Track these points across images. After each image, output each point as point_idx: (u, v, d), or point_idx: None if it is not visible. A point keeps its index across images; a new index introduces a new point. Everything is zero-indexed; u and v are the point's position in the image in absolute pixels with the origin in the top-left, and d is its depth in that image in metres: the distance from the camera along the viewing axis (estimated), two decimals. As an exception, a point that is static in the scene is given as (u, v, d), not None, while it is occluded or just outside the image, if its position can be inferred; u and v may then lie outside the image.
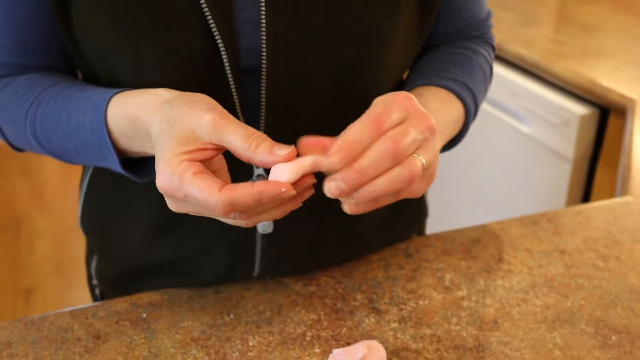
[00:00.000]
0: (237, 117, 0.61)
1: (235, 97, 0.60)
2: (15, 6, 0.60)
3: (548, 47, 1.64)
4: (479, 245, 0.79)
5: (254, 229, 0.67)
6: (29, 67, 0.64)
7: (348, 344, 0.63)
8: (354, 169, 0.48)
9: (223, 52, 0.58)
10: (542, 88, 1.52)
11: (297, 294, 0.70)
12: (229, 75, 0.59)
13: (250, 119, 0.62)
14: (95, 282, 0.79)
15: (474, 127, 0.73)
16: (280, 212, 0.51)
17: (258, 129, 0.62)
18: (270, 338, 0.64)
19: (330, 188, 0.49)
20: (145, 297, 0.69)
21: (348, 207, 0.51)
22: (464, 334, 0.65)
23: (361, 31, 0.61)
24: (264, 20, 0.58)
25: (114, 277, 0.75)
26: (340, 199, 0.50)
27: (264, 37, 0.58)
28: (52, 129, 0.59)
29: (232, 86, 0.59)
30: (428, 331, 0.65)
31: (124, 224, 0.71)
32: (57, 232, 2.43)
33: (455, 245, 0.78)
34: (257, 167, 0.64)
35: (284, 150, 0.48)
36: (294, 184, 0.49)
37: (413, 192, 0.53)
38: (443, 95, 0.65)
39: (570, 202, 1.48)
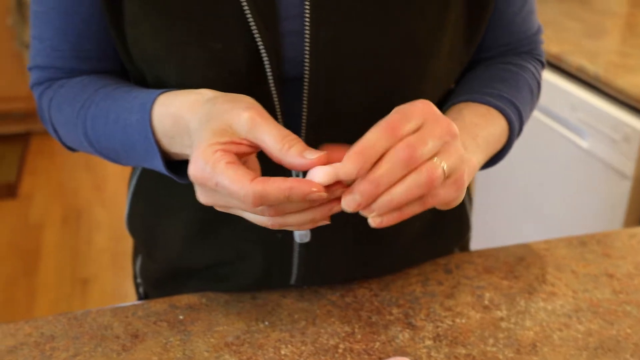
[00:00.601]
0: (277, 121, 0.61)
1: (277, 106, 0.61)
2: (72, 14, 0.63)
3: (612, 59, 1.58)
4: (522, 265, 0.77)
5: (292, 237, 0.67)
6: (85, 71, 0.66)
7: (380, 359, 0.63)
8: (367, 180, 0.47)
9: (266, 62, 0.58)
10: (603, 102, 1.47)
11: (333, 304, 0.70)
12: (272, 85, 0.59)
13: (292, 129, 0.62)
14: (139, 280, 0.81)
15: (529, 140, 0.72)
16: (307, 220, 0.51)
17: (299, 135, 0.63)
18: (303, 348, 0.64)
19: (347, 201, 0.48)
20: (184, 299, 0.70)
21: (372, 221, 0.50)
22: (500, 357, 0.63)
23: (406, 45, 0.60)
24: (307, 31, 0.58)
25: (157, 277, 0.77)
26: (363, 214, 0.50)
27: (307, 48, 0.58)
28: (101, 129, 0.61)
29: (274, 95, 0.60)
30: (463, 351, 0.64)
31: (167, 225, 0.72)
32: (115, 225, 2.51)
33: (498, 264, 0.77)
34: (297, 176, 0.65)
35: (314, 154, 0.49)
36: (326, 189, 0.48)
37: (441, 199, 0.52)
38: (484, 110, 0.64)
39: (629, 222, 1.42)
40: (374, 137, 0.48)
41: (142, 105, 0.58)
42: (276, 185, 0.47)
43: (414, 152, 0.48)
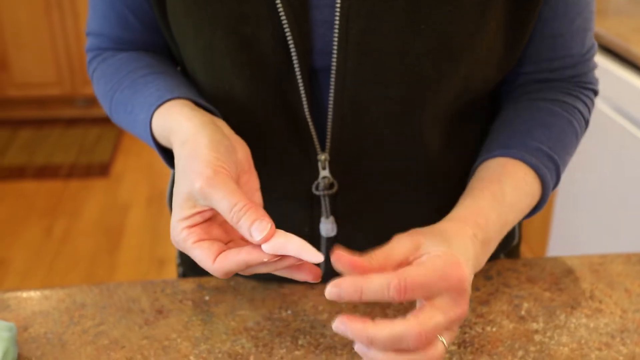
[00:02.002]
0: (304, 116, 0.61)
1: (303, 96, 0.60)
2: None
3: None
4: (570, 277, 0.72)
5: (318, 230, 0.66)
6: (130, 41, 0.68)
7: None
8: (365, 332, 0.46)
9: (293, 51, 0.57)
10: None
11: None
12: (298, 75, 0.58)
13: (318, 120, 0.62)
14: (179, 261, 0.83)
15: (608, 148, 0.67)
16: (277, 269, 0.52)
17: (325, 130, 0.62)
18: (321, 340, 0.63)
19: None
20: (212, 281, 0.70)
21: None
22: (527, 371, 0.59)
23: (440, 46, 0.58)
24: (337, 22, 0.57)
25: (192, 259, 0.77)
26: None
27: (336, 39, 0.57)
28: (120, 115, 0.65)
29: (301, 86, 0.59)
30: (487, 360, 0.60)
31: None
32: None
33: (544, 274, 0.72)
34: (323, 169, 0.64)
35: (259, 233, 0.48)
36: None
37: None
38: (520, 178, 0.60)
39: None
40: (382, 284, 0.46)
41: (149, 107, 0.60)
42: (234, 261, 0.49)
43: (425, 340, 0.46)
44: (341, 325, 0.47)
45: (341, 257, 0.48)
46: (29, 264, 2.27)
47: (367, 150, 0.63)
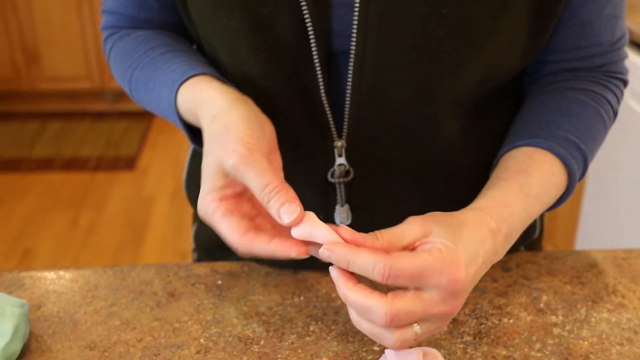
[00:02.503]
0: (321, 101, 0.60)
1: (320, 80, 0.59)
2: None
3: None
4: (592, 272, 0.70)
5: (333, 218, 0.66)
6: (146, 20, 0.68)
7: (411, 347, 0.59)
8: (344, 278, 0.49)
9: (311, 33, 0.56)
10: None
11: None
12: (316, 58, 0.57)
13: (336, 106, 0.61)
14: (194, 246, 0.82)
15: (638, 141, 0.65)
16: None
17: (342, 116, 0.61)
18: (333, 327, 0.62)
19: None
20: (226, 266, 0.70)
21: None
22: (544, 363, 0.58)
23: (460, 31, 0.56)
24: (357, 4, 0.55)
25: (207, 243, 0.77)
26: None
27: (356, 21, 0.56)
28: (141, 93, 0.64)
29: (318, 69, 0.58)
30: (503, 352, 0.59)
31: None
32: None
33: (565, 268, 0.70)
34: (339, 156, 0.63)
35: (288, 216, 0.49)
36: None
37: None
38: (547, 169, 0.59)
39: None
40: (369, 262, 0.48)
41: (173, 83, 0.60)
42: (260, 246, 0.49)
43: (392, 323, 0.48)
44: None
45: (345, 231, 0.50)
46: (55, 254, 2.29)
47: (385, 138, 0.62)
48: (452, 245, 0.49)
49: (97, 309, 0.63)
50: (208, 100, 0.56)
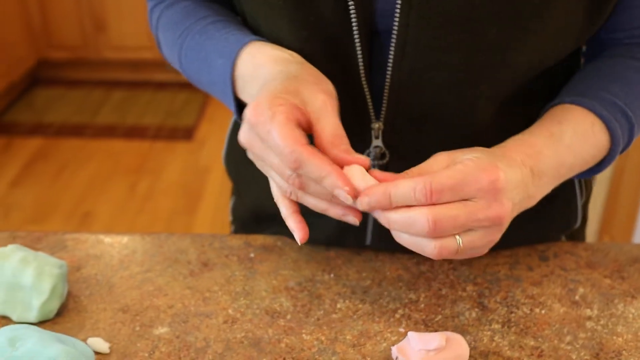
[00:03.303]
0: (360, 82, 0.59)
1: (360, 60, 0.58)
2: None
3: None
4: (635, 266, 0.67)
5: None
6: None
7: (436, 331, 0.59)
8: (384, 215, 0.49)
9: (352, 11, 0.56)
10: None
11: (405, 269, 0.66)
12: (356, 36, 0.57)
13: (375, 88, 0.60)
14: (231, 218, 0.83)
15: None
16: (321, 208, 0.52)
17: (381, 98, 0.60)
18: (360, 306, 0.62)
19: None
20: (259, 239, 0.71)
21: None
22: (574, 357, 0.56)
23: (508, 12, 0.54)
24: None
25: (244, 217, 0.78)
26: None
27: (399, 2, 0.55)
28: (192, 61, 0.64)
29: (359, 48, 0.57)
30: (531, 342, 0.58)
31: (256, 167, 0.73)
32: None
33: (606, 261, 0.68)
34: (376, 138, 0.62)
35: (358, 156, 0.50)
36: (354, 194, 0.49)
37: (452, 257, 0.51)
38: (586, 126, 0.57)
39: None
40: (401, 195, 0.48)
41: (230, 51, 0.59)
42: (318, 162, 0.48)
43: (435, 229, 0.47)
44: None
45: (377, 173, 0.51)
46: (113, 218, 2.37)
47: (422, 120, 0.61)
48: (482, 155, 0.50)
49: (133, 274, 0.65)
50: (286, 55, 0.56)
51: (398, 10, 0.55)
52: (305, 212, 0.68)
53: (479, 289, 0.64)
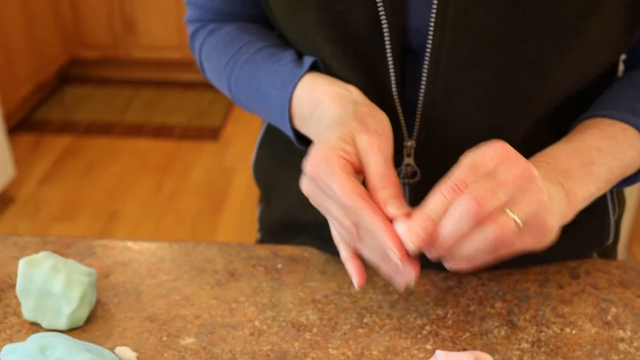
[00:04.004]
0: (392, 98, 0.59)
1: (392, 77, 0.57)
2: None
3: None
4: (670, 286, 0.66)
5: None
6: (230, 13, 0.69)
7: (465, 350, 0.58)
8: (436, 241, 0.48)
9: (385, 29, 0.55)
10: None
11: (433, 284, 0.66)
12: (389, 54, 0.56)
13: (408, 103, 0.59)
14: (258, 227, 0.84)
15: None
16: (374, 262, 0.53)
17: (414, 114, 0.59)
18: (387, 321, 0.61)
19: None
20: (287, 250, 0.71)
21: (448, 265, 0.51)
22: (605, 380, 0.55)
23: (546, 30, 0.53)
24: (435, 2, 0.54)
25: (272, 226, 0.78)
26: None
27: (433, 18, 0.54)
28: (243, 90, 0.65)
29: (391, 66, 0.57)
30: (561, 364, 0.57)
31: (286, 177, 0.73)
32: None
33: (640, 279, 0.66)
34: (408, 156, 0.61)
35: (396, 210, 0.49)
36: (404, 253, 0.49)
37: (517, 249, 0.49)
38: (616, 131, 0.56)
39: None
40: (437, 204, 0.48)
41: (284, 84, 0.60)
42: (372, 218, 0.48)
43: (480, 204, 0.45)
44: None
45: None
46: (139, 217, 2.40)
47: (455, 139, 0.60)
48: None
49: (160, 282, 0.66)
50: (344, 92, 0.56)
51: (432, 28, 0.55)
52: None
53: (508, 306, 0.63)
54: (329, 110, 0.55)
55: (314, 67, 0.60)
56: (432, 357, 0.55)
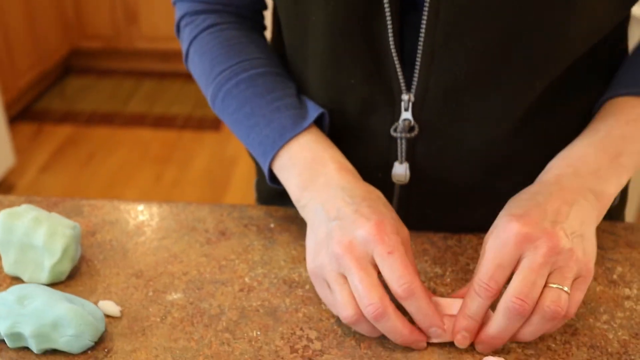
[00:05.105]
0: (389, 50, 0.56)
1: (389, 26, 0.55)
2: None
3: None
4: (678, 247, 0.63)
5: (391, 177, 0.62)
6: (223, 2, 0.67)
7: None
8: (490, 337, 0.49)
9: None
10: None
11: (432, 244, 0.63)
12: (386, 6, 0.54)
13: (406, 58, 0.57)
14: (255, 195, 0.81)
15: None
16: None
17: (412, 66, 0.57)
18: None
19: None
20: (281, 210, 0.68)
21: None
22: (610, 336, 0.52)
23: None
24: None
25: (268, 192, 0.76)
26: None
27: None
28: (230, 109, 0.63)
29: (388, 14, 0.54)
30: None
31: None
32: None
33: (647, 240, 0.64)
34: (405, 111, 0.59)
35: (436, 337, 0.52)
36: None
37: (575, 307, 0.50)
38: (633, 112, 0.55)
39: None
40: (475, 305, 0.49)
41: (279, 133, 0.59)
42: (426, 301, 0.50)
43: (524, 301, 0.47)
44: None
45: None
46: (138, 206, 2.38)
47: (455, 92, 0.57)
48: (497, 221, 0.52)
49: (148, 240, 0.63)
50: (330, 183, 0.56)
51: None
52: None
53: (510, 265, 0.60)
54: (313, 207, 0.55)
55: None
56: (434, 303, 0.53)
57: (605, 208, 0.54)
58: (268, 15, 0.73)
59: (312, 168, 0.57)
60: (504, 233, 0.49)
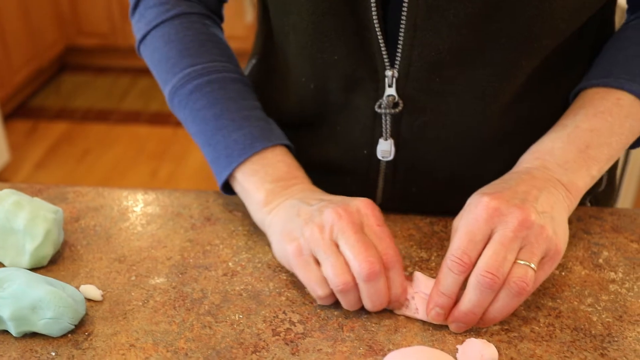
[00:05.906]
0: (372, 25, 0.56)
1: (373, 8, 0.55)
2: None
3: None
4: (665, 232, 0.63)
5: (377, 155, 0.62)
6: None
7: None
8: (461, 312, 0.49)
9: None
10: None
11: (417, 229, 0.63)
12: None
13: (389, 30, 0.56)
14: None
15: None
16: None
17: (396, 39, 0.56)
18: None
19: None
20: (266, 196, 0.68)
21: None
22: (594, 319, 0.52)
23: None
24: None
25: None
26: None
27: None
28: (198, 105, 0.62)
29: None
30: (549, 303, 0.54)
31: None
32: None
33: (633, 225, 0.64)
34: (389, 87, 0.59)
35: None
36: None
37: (540, 282, 0.51)
38: (610, 104, 0.56)
39: None
40: (448, 281, 0.49)
41: (249, 144, 0.60)
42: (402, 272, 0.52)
43: (494, 274, 0.47)
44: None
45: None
46: (134, 202, 2.37)
47: (438, 68, 0.57)
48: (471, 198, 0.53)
49: (132, 226, 0.63)
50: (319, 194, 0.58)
51: None
52: (315, 178, 0.65)
53: (495, 249, 0.60)
54: (272, 220, 0.57)
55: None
56: (415, 278, 0.53)
57: (576, 199, 0.55)
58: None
59: (286, 179, 0.59)
60: (475, 209, 0.50)
